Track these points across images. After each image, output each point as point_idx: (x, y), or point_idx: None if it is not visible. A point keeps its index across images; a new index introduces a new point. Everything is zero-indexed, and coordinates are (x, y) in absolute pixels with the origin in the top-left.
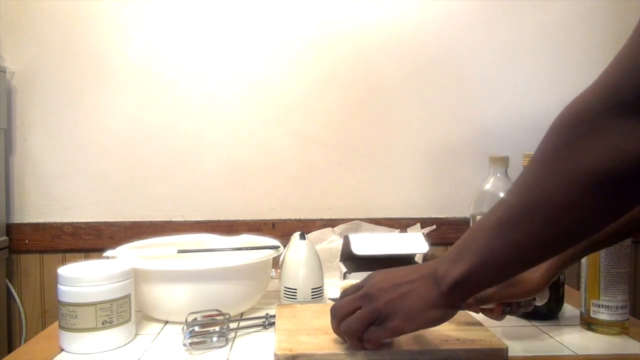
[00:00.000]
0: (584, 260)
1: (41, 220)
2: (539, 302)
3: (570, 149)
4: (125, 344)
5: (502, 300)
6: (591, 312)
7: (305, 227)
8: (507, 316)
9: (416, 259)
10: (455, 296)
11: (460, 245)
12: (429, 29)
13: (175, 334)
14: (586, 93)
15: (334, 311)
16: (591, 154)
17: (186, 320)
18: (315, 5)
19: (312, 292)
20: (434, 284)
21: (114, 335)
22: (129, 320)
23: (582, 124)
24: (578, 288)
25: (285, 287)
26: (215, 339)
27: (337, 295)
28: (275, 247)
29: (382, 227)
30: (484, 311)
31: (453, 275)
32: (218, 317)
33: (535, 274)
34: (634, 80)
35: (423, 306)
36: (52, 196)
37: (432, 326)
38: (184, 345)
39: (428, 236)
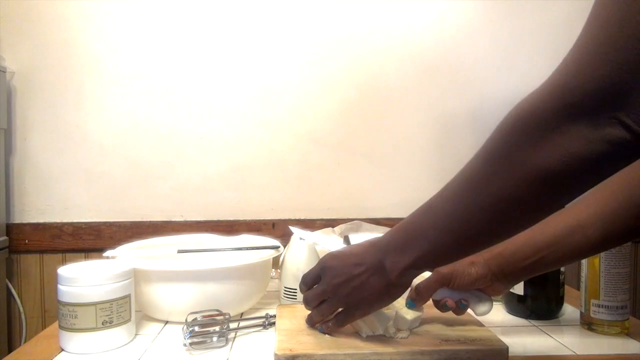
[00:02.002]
0: (584, 260)
1: (41, 220)
2: (477, 310)
3: (522, 148)
4: (125, 344)
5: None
6: (591, 312)
7: (305, 227)
8: (507, 316)
9: None
10: (403, 281)
11: (407, 234)
12: (429, 30)
13: (175, 334)
14: (538, 92)
15: (306, 301)
16: (542, 154)
17: (186, 320)
18: (316, 7)
19: None
20: (382, 274)
21: (114, 335)
22: (129, 320)
23: (534, 124)
24: (578, 288)
25: (285, 287)
26: (215, 339)
27: None
28: (275, 247)
29: (382, 227)
30: (434, 303)
31: (401, 266)
32: (218, 317)
33: (471, 269)
34: (581, 82)
35: (376, 295)
36: (52, 196)
37: (389, 304)
38: (184, 345)
39: None
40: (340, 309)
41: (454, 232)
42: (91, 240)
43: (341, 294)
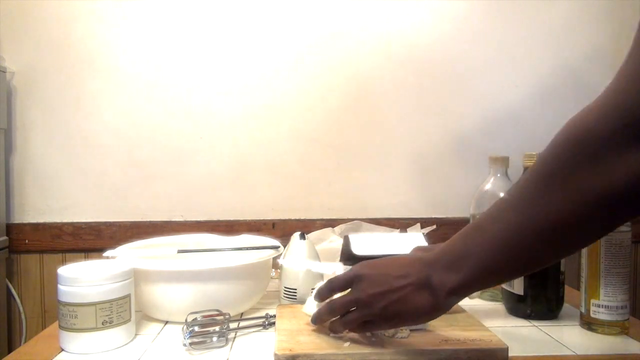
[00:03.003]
0: (584, 260)
1: (41, 220)
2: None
3: (579, 171)
4: (125, 344)
5: None
6: (591, 312)
7: (305, 227)
8: (507, 316)
9: None
10: (450, 301)
11: (455, 252)
12: (428, 30)
13: (175, 334)
14: (593, 112)
15: (327, 310)
16: (602, 176)
17: (186, 320)
18: (315, 8)
19: (312, 292)
20: (428, 291)
21: (114, 335)
22: (129, 320)
23: (591, 145)
24: (578, 288)
25: (285, 287)
26: (215, 339)
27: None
28: (275, 247)
29: (382, 227)
30: None
31: (450, 285)
32: (218, 317)
33: None
34: None
35: (417, 312)
36: (52, 196)
37: (425, 322)
38: (184, 345)
39: (428, 236)
40: (367, 320)
41: (505, 254)
42: (91, 240)
43: (377, 306)
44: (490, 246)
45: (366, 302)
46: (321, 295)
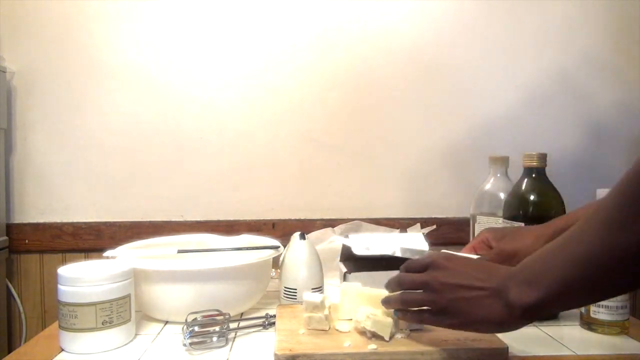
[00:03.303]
0: None
1: (41, 220)
2: None
3: None
4: (125, 344)
5: None
6: (591, 312)
7: (305, 227)
8: None
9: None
10: (523, 321)
11: (536, 268)
12: (429, 30)
13: (175, 334)
14: None
15: (394, 282)
16: None
17: (186, 320)
18: (316, 7)
19: (312, 292)
20: (504, 304)
21: (114, 335)
22: (129, 320)
23: None
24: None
25: (285, 287)
26: (215, 339)
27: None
28: (275, 247)
29: (382, 227)
30: None
31: (527, 302)
32: (218, 317)
33: (525, 241)
34: None
35: (486, 319)
36: (52, 196)
37: (487, 333)
38: (184, 345)
39: (428, 236)
40: (429, 308)
41: (585, 275)
42: (91, 240)
43: (446, 296)
44: (571, 266)
45: (436, 289)
46: (394, 283)
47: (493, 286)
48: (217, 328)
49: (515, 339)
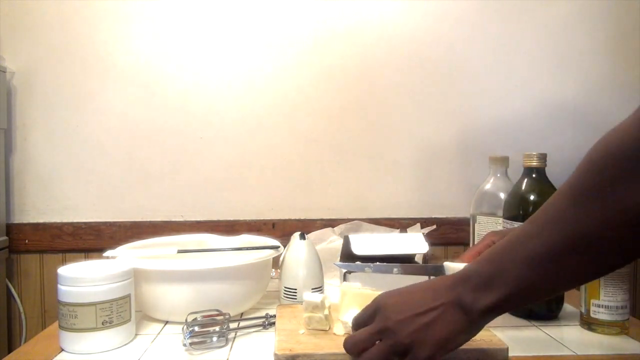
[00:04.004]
0: None
1: (41, 220)
2: None
3: (616, 187)
4: (125, 344)
5: None
6: (591, 312)
7: (305, 227)
8: (507, 316)
9: (416, 259)
10: (485, 320)
11: (488, 271)
12: (428, 29)
13: (175, 334)
14: (628, 127)
15: (349, 346)
16: (634, 193)
17: (186, 320)
18: (316, 7)
19: (312, 292)
20: (461, 311)
21: (114, 335)
22: (129, 320)
23: (627, 161)
24: (578, 288)
25: (285, 287)
26: (215, 339)
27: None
28: (275, 247)
29: (382, 227)
30: None
31: (484, 304)
32: (218, 317)
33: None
34: None
35: (452, 333)
36: (52, 196)
37: (456, 348)
38: (184, 345)
39: (428, 236)
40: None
41: (542, 271)
42: (91, 240)
43: (406, 331)
44: (527, 264)
45: (393, 330)
46: (353, 340)
47: (447, 300)
48: (217, 328)
49: (515, 339)
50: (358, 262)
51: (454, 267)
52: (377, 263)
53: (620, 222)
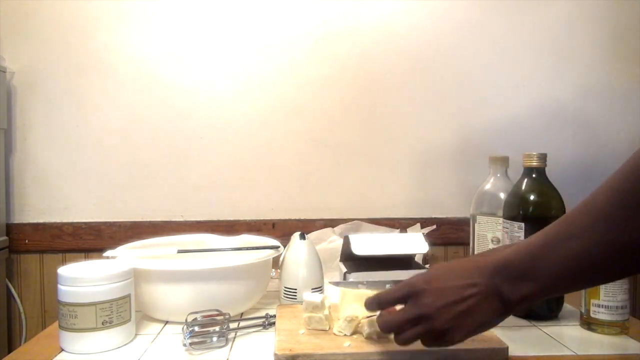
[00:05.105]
0: None
1: (41, 220)
2: None
3: None
4: (125, 344)
5: None
6: (591, 312)
7: (305, 227)
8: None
9: (416, 259)
10: (518, 308)
11: (525, 265)
12: (428, 29)
13: (175, 334)
14: None
15: (383, 326)
16: None
17: (186, 320)
18: (316, 8)
19: (312, 292)
20: (498, 300)
21: (114, 335)
22: (129, 320)
23: None
24: None
25: (285, 287)
26: (215, 339)
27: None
28: (275, 247)
29: (382, 227)
30: None
31: (521, 294)
32: (218, 317)
33: None
34: None
35: (488, 320)
36: (52, 196)
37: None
38: (184, 345)
39: (428, 236)
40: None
41: (577, 273)
42: (91, 240)
43: (445, 318)
44: (564, 264)
45: (433, 317)
46: (370, 307)
47: (483, 289)
48: (217, 328)
49: (515, 339)
50: (351, 279)
51: None
52: (370, 280)
53: None
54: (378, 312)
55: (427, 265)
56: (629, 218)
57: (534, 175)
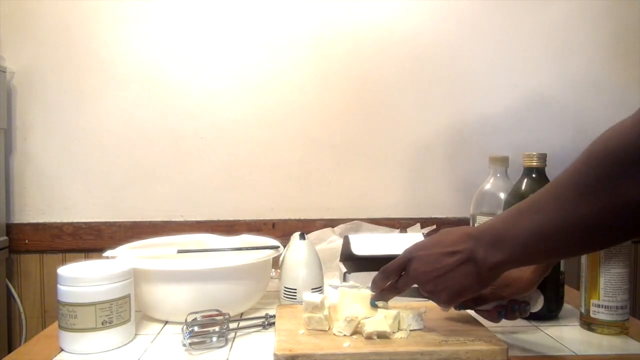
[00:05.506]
0: (584, 260)
1: (41, 220)
2: (534, 309)
3: (614, 181)
4: (125, 344)
5: (497, 299)
6: (591, 312)
7: (305, 227)
8: None
9: None
10: (492, 276)
11: (499, 232)
12: (429, 28)
13: (175, 334)
14: (629, 126)
15: (383, 295)
16: (629, 187)
17: (186, 320)
18: (316, 7)
19: (312, 292)
20: (473, 265)
21: (114, 335)
22: (129, 320)
23: (626, 158)
24: (578, 288)
25: (285, 287)
26: (214, 339)
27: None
28: (275, 247)
29: (382, 227)
30: (480, 312)
31: (492, 261)
32: (218, 317)
33: (525, 272)
34: None
35: (465, 284)
36: (52, 196)
37: (471, 296)
38: (184, 345)
39: (428, 236)
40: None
41: (540, 243)
42: (91, 240)
43: (427, 282)
44: (529, 234)
45: (419, 280)
46: (377, 284)
47: (463, 255)
48: (216, 328)
49: (515, 339)
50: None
51: None
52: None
53: (614, 212)
54: (378, 312)
55: None
56: (581, 200)
57: (534, 175)
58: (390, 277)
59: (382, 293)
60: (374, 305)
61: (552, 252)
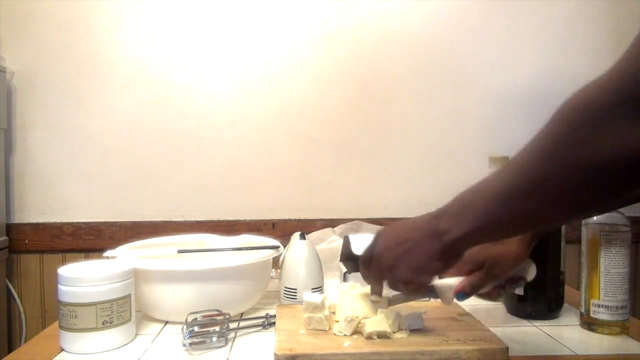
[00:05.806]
0: (583, 260)
1: (41, 220)
2: (529, 278)
3: (574, 138)
4: (125, 344)
5: (493, 280)
6: (591, 312)
7: (305, 227)
8: (507, 316)
9: None
10: (455, 250)
11: (462, 204)
12: (429, 28)
13: (175, 334)
14: (598, 83)
15: (364, 275)
16: (595, 145)
17: (186, 320)
18: (316, 8)
19: (312, 292)
20: (436, 240)
21: (114, 335)
22: (129, 320)
23: (590, 114)
24: (578, 288)
25: (285, 287)
26: (215, 339)
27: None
28: (275, 247)
29: (382, 227)
30: (480, 295)
31: (455, 233)
32: (218, 317)
33: (512, 246)
34: None
35: (425, 259)
36: (52, 196)
37: (435, 275)
38: (184, 345)
39: None
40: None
41: (501, 208)
42: (91, 240)
43: (390, 255)
44: (491, 199)
45: (381, 254)
46: (363, 277)
47: (424, 231)
48: (217, 328)
49: (515, 339)
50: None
51: (442, 283)
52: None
53: (576, 172)
54: (378, 312)
55: None
56: (544, 158)
57: None
58: (368, 263)
59: (372, 284)
60: (373, 302)
61: (517, 217)
